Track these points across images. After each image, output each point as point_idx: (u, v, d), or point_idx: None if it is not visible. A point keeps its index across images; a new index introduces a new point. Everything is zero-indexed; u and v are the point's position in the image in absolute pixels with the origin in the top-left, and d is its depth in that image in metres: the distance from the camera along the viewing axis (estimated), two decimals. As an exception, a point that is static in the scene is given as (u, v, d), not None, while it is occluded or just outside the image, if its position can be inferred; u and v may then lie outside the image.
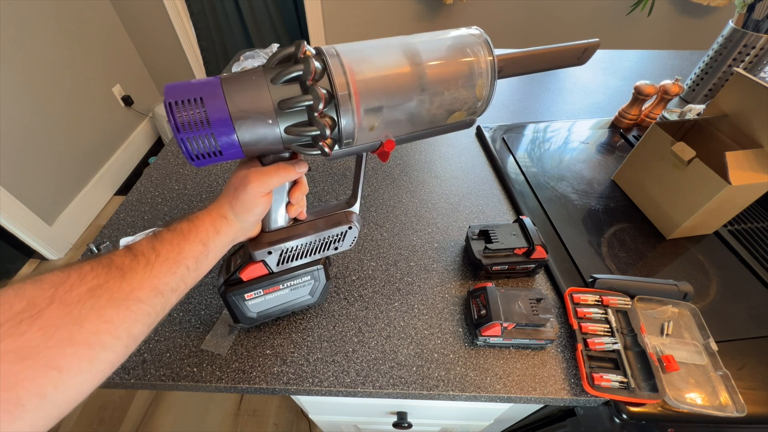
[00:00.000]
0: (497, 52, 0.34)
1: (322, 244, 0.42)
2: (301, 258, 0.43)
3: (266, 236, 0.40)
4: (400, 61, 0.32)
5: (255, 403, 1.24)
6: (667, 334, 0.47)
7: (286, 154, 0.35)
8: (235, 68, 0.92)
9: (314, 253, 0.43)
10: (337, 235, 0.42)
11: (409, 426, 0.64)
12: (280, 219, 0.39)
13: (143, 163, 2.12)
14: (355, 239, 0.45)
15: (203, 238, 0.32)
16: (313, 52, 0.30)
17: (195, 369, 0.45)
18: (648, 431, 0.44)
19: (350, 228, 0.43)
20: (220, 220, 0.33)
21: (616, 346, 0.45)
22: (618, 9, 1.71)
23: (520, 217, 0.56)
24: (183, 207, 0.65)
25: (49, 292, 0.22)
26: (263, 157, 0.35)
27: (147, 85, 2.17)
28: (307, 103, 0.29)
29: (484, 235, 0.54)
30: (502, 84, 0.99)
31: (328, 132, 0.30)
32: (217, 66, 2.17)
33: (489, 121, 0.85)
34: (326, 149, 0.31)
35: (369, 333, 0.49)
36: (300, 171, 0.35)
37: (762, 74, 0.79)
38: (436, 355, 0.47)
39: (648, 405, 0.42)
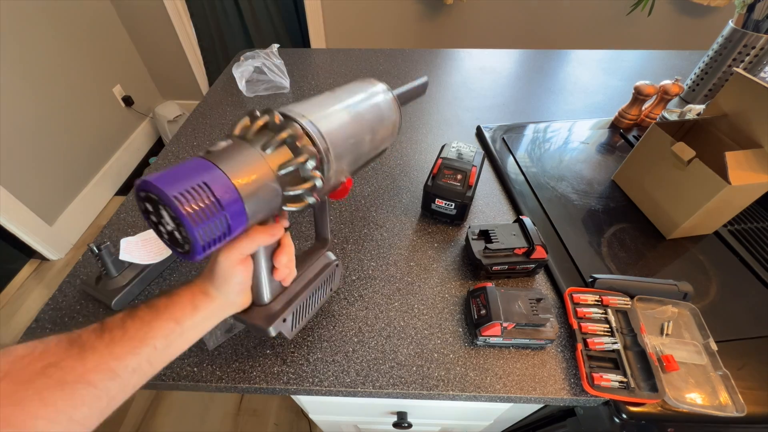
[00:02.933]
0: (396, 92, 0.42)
1: (320, 291, 0.44)
2: (307, 314, 0.43)
3: (267, 309, 0.39)
4: (348, 117, 0.36)
5: (255, 403, 1.24)
6: (667, 334, 0.47)
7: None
8: (235, 69, 0.93)
9: (316, 304, 0.44)
10: (328, 277, 0.45)
11: (409, 426, 0.64)
12: (271, 285, 0.39)
13: (144, 163, 2.13)
14: (342, 275, 0.47)
15: (177, 315, 0.31)
16: (281, 117, 0.31)
17: (195, 369, 0.45)
18: (648, 431, 0.44)
19: (337, 265, 0.46)
20: (201, 296, 0.32)
21: (615, 346, 0.45)
22: (618, 9, 1.71)
23: (520, 217, 0.56)
24: (183, 207, 0.65)
25: (5, 366, 0.23)
26: None
27: (147, 85, 2.17)
28: (310, 162, 0.30)
29: (484, 235, 0.54)
30: (502, 84, 0.99)
31: (321, 183, 0.32)
32: (218, 66, 2.17)
33: (489, 121, 0.86)
34: (317, 198, 0.33)
35: (369, 333, 0.49)
36: (275, 234, 0.33)
37: (762, 74, 0.79)
38: (436, 355, 0.47)
39: (648, 405, 0.42)
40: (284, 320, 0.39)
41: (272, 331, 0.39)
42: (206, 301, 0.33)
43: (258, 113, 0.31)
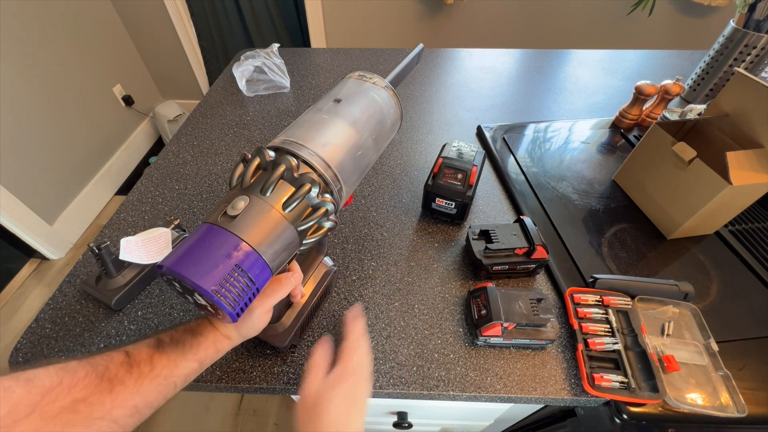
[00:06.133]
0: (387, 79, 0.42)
1: (320, 298, 0.46)
2: (312, 317, 0.46)
3: (279, 326, 0.42)
4: (349, 132, 0.35)
5: (255, 403, 1.24)
6: (668, 335, 0.47)
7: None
8: (236, 68, 0.92)
9: (318, 309, 0.47)
10: (328, 283, 0.47)
11: (410, 426, 0.64)
12: (280, 304, 0.41)
13: (144, 163, 2.13)
14: (338, 274, 0.50)
15: (201, 357, 0.32)
16: (272, 154, 0.31)
17: (195, 369, 0.45)
18: (648, 431, 0.44)
19: (334, 272, 0.48)
20: (223, 340, 0.34)
21: (616, 347, 0.45)
22: (618, 9, 1.71)
23: (521, 217, 0.55)
24: (183, 207, 0.65)
25: (35, 398, 0.23)
26: None
27: (147, 85, 2.17)
28: (314, 189, 0.30)
29: (485, 235, 0.54)
30: (502, 84, 0.99)
31: (332, 206, 0.31)
32: (218, 66, 2.17)
33: (489, 120, 0.85)
34: (334, 221, 0.33)
35: (369, 333, 0.49)
36: (294, 280, 0.36)
37: (763, 74, 0.79)
38: (436, 355, 0.47)
39: (648, 405, 0.42)
40: (295, 334, 0.42)
41: (286, 349, 0.42)
42: (227, 344, 0.35)
43: (249, 155, 0.30)
